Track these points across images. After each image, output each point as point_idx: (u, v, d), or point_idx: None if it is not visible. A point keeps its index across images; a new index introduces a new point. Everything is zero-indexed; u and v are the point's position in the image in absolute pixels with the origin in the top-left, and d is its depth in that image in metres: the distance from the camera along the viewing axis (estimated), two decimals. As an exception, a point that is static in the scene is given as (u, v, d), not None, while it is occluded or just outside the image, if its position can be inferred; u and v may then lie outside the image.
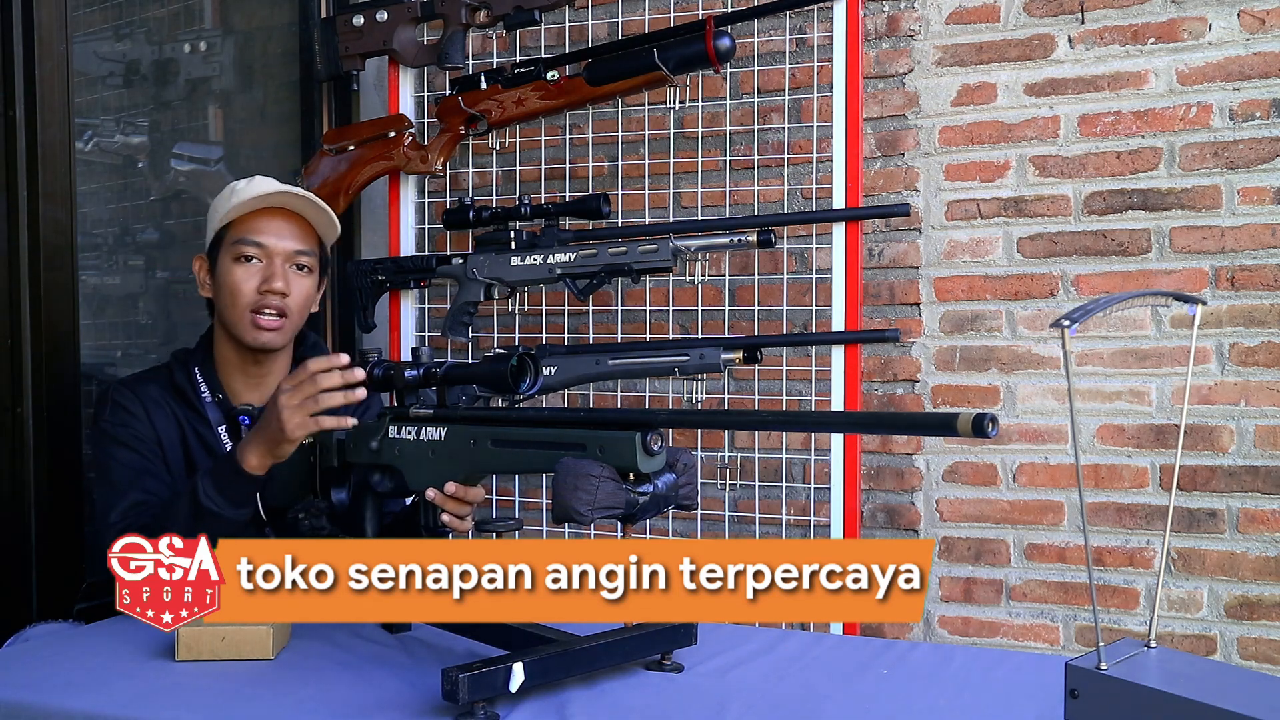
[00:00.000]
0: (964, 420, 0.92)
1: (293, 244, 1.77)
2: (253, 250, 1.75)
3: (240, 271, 1.75)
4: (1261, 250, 2.11)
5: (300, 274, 1.79)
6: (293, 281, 1.77)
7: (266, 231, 1.76)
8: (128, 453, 1.71)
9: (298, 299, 1.78)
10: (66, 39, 2.03)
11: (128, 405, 1.74)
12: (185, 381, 1.78)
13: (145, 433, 1.73)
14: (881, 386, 2.38)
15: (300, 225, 1.79)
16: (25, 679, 1.32)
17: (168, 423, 1.75)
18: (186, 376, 1.78)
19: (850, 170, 2.06)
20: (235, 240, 1.76)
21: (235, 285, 1.75)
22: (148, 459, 1.72)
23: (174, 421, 1.75)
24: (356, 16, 2.33)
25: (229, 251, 1.76)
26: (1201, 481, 2.15)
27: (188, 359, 1.81)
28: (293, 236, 1.78)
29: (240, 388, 1.79)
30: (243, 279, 1.75)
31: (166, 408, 1.76)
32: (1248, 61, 2.11)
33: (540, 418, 1.30)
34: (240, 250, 1.75)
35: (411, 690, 1.27)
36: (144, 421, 1.73)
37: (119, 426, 1.73)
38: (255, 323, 1.75)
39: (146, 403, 1.75)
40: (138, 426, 1.73)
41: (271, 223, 1.76)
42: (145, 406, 1.74)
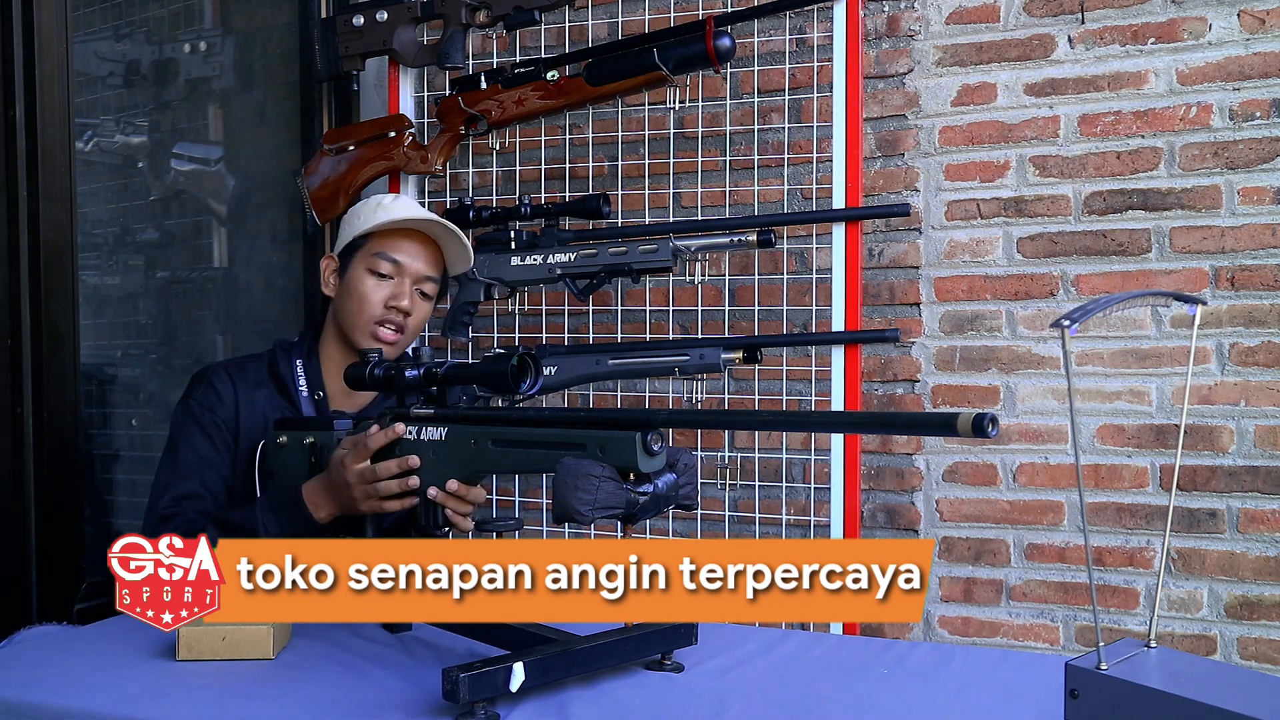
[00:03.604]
0: (964, 420, 0.92)
1: (424, 268, 1.84)
2: (388, 266, 1.82)
3: (372, 282, 1.81)
4: (1261, 250, 2.11)
5: (423, 298, 1.86)
6: (417, 302, 1.84)
7: (404, 251, 1.83)
8: (203, 439, 1.75)
9: (417, 319, 1.85)
10: (66, 39, 2.03)
11: (220, 391, 1.78)
12: (287, 373, 1.82)
13: (227, 420, 1.76)
14: (881, 386, 2.38)
15: (433, 251, 1.86)
16: (25, 679, 1.32)
17: (254, 414, 1.77)
18: (289, 367, 1.82)
19: (850, 170, 2.06)
20: (375, 252, 1.82)
21: (365, 294, 1.81)
22: (219, 450, 1.75)
23: (262, 414, 1.77)
24: (356, 16, 2.33)
25: (365, 261, 1.82)
26: (1201, 481, 2.15)
27: (291, 350, 1.85)
28: (425, 261, 1.85)
29: (337, 391, 1.82)
30: (373, 290, 1.81)
31: (259, 396, 1.79)
32: (1248, 61, 2.11)
33: (540, 418, 1.30)
34: (376, 264, 1.82)
35: (411, 690, 1.27)
36: (229, 409, 1.77)
37: (205, 410, 1.77)
38: (375, 334, 1.81)
39: (241, 387, 1.79)
40: (221, 413, 1.77)
41: (410, 244, 1.84)
42: (238, 392, 1.78)
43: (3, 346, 1.95)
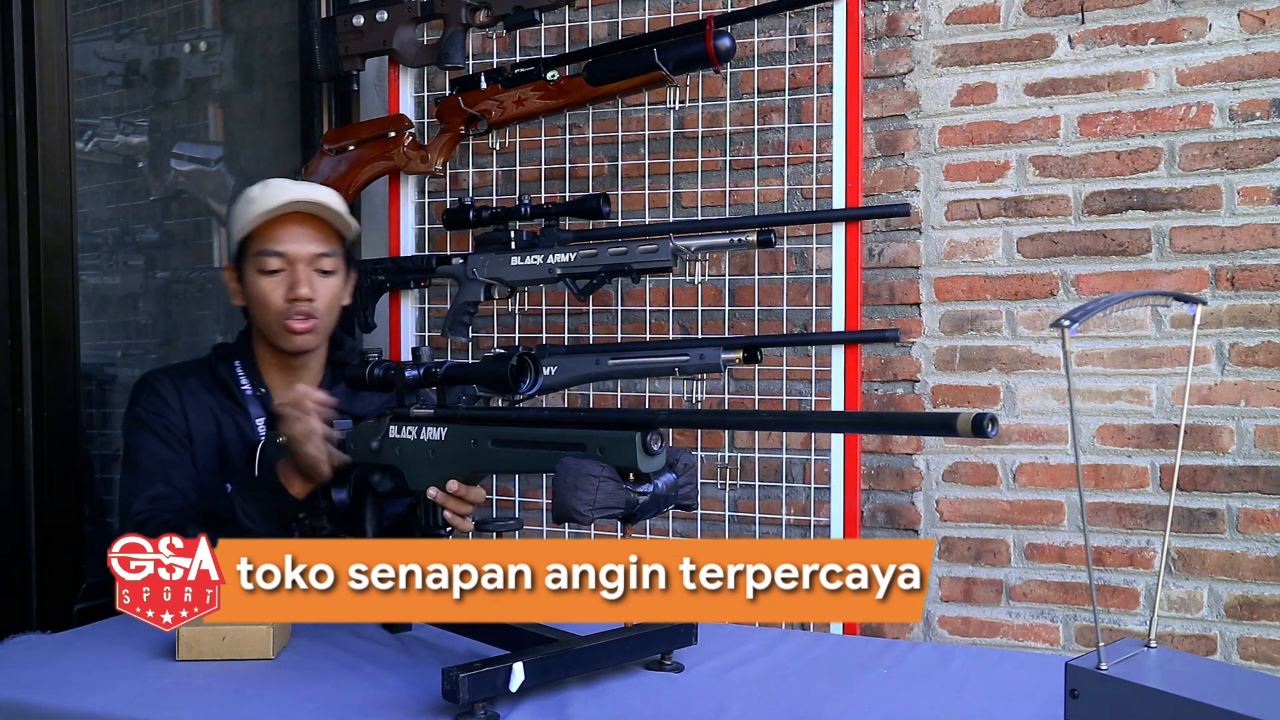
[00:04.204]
0: (964, 420, 0.92)
1: (313, 248, 1.78)
2: (275, 261, 1.77)
3: (267, 283, 1.77)
4: (1261, 250, 2.11)
5: (325, 276, 1.80)
6: (317, 284, 1.78)
7: (286, 239, 1.77)
8: (158, 442, 1.74)
9: (325, 300, 1.80)
10: (66, 39, 2.02)
11: (164, 394, 1.77)
12: (228, 375, 1.80)
13: (177, 423, 1.75)
14: (881, 386, 2.38)
15: (318, 227, 1.80)
16: (25, 679, 1.32)
17: (203, 415, 1.77)
18: (229, 370, 1.81)
19: (850, 170, 2.06)
20: (258, 252, 1.78)
21: (264, 296, 1.77)
22: (176, 451, 1.74)
23: (211, 414, 1.77)
24: (356, 16, 2.33)
25: (253, 264, 1.78)
26: (1201, 481, 2.15)
27: (229, 353, 1.84)
28: (312, 240, 1.78)
29: (278, 384, 1.81)
30: (270, 290, 1.77)
31: (205, 399, 1.78)
32: (1248, 61, 2.11)
33: (540, 418, 1.30)
34: (263, 263, 1.77)
35: (411, 690, 1.27)
36: (178, 412, 1.76)
37: (153, 415, 1.75)
38: (288, 328, 1.77)
39: (184, 393, 1.78)
40: (171, 416, 1.75)
41: (290, 229, 1.77)
42: (182, 397, 1.77)
43: (3, 346, 1.95)
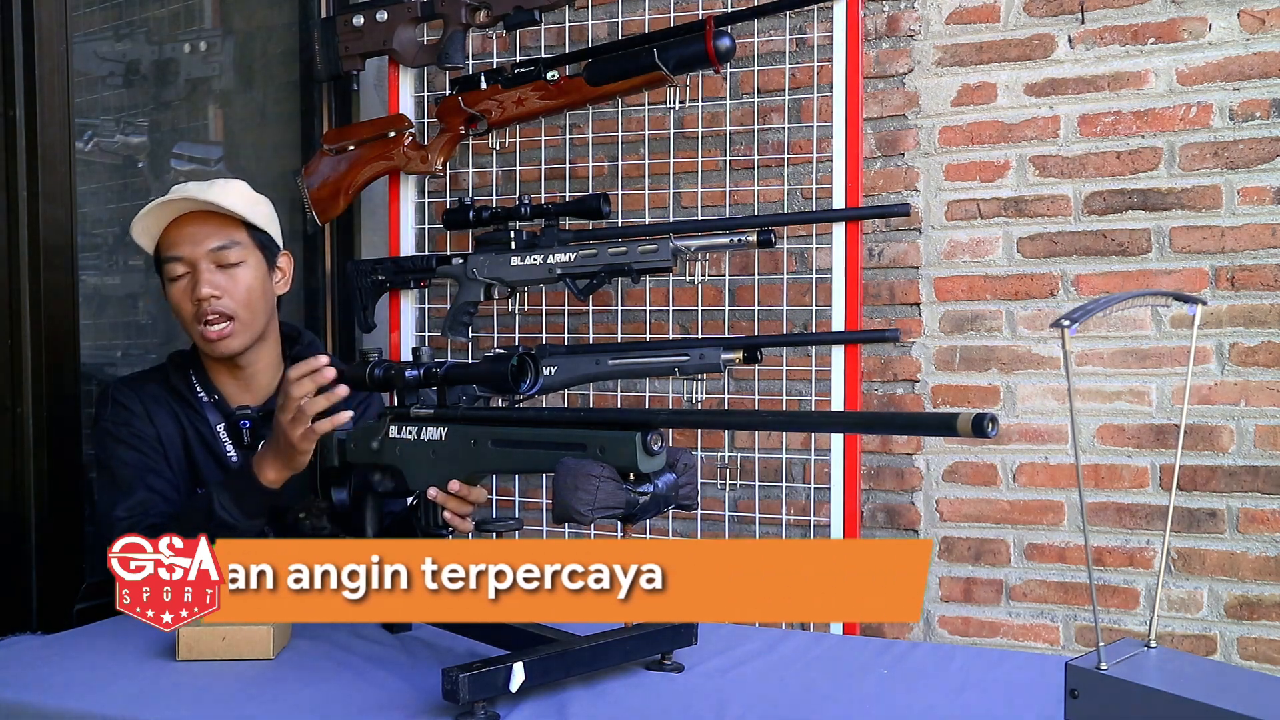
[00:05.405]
0: (964, 420, 0.92)
1: (209, 241, 1.71)
2: (178, 267, 1.72)
3: (175, 291, 1.73)
4: (1261, 250, 2.11)
5: (230, 269, 1.73)
6: (222, 280, 1.72)
7: (180, 241, 1.72)
8: (130, 451, 1.72)
9: (238, 295, 1.73)
10: (66, 39, 2.02)
11: (128, 404, 1.75)
12: (182, 383, 1.78)
13: (146, 431, 1.74)
14: (881, 386, 2.38)
15: (211, 220, 1.73)
16: (25, 679, 1.32)
17: (168, 421, 1.76)
18: (183, 378, 1.79)
19: (850, 170, 2.06)
20: (161, 261, 1.75)
21: (175, 305, 1.74)
22: (150, 457, 1.72)
23: (174, 420, 1.76)
24: (356, 16, 2.33)
25: (162, 274, 1.75)
26: (1201, 481, 2.15)
27: (183, 361, 1.82)
28: (206, 235, 1.72)
29: (231, 390, 1.80)
30: (179, 298, 1.73)
31: (167, 406, 1.77)
32: (1248, 61, 2.11)
33: (540, 418, 1.30)
34: (169, 270, 1.73)
35: (411, 690, 1.27)
36: (144, 420, 1.74)
37: (120, 425, 1.74)
38: (203, 335, 1.73)
39: (147, 401, 1.76)
40: (138, 425, 1.74)
41: (182, 230, 1.73)
42: (145, 405, 1.75)
43: (3, 346, 1.95)
